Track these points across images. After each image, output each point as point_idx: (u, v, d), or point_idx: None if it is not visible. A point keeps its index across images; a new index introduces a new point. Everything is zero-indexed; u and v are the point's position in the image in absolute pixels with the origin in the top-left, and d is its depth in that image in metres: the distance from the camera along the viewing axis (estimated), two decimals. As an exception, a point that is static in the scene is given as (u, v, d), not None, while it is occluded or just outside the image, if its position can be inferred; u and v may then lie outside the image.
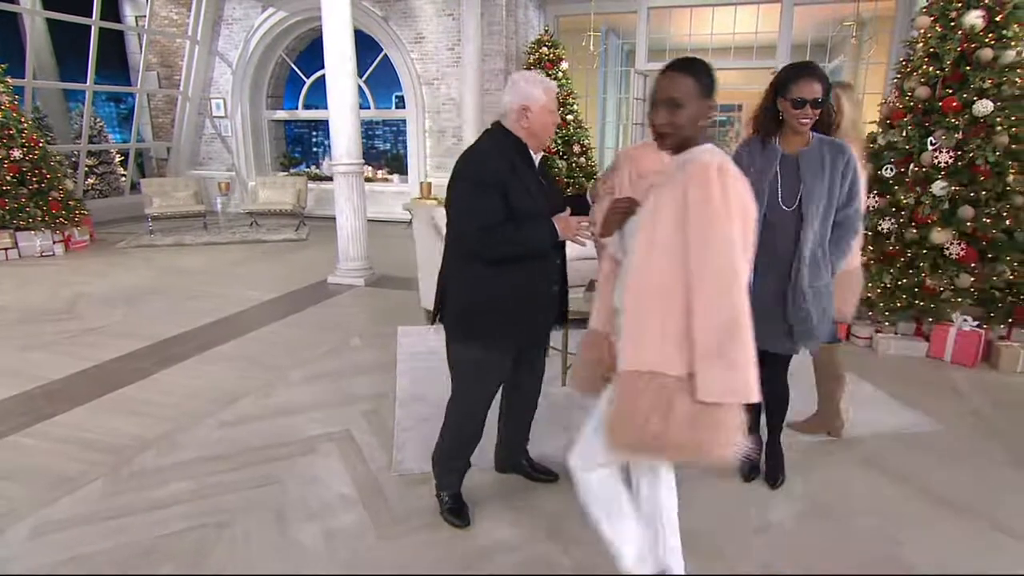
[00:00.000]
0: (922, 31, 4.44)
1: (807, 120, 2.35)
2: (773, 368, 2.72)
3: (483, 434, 2.58)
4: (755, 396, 1.57)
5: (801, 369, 3.06)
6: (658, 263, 1.63)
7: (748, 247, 1.64)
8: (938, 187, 4.19)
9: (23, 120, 7.62)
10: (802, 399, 3.07)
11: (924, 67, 4.34)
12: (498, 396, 2.63)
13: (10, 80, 7.71)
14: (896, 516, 2.60)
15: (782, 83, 2.37)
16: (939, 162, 4.21)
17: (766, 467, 2.87)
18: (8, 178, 7.25)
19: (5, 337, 4.71)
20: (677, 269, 1.60)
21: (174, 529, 2.46)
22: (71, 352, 4.38)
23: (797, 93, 2.32)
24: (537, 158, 2.39)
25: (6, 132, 7.26)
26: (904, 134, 4.43)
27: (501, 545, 2.40)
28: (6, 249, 7.35)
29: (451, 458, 2.60)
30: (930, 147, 4.26)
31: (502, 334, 2.37)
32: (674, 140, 1.74)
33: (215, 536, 2.42)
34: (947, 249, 4.22)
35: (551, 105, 2.31)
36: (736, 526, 2.56)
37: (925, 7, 4.47)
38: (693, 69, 1.70)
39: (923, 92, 4.31)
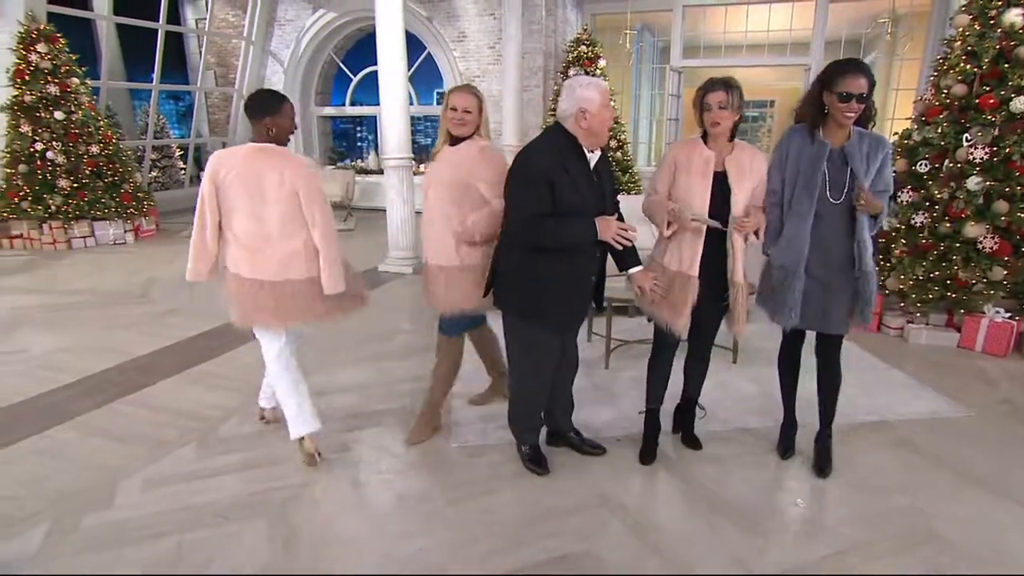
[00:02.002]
0: (960, 29, 4.41)
1: (852, 114, 2.38)
2: (828, 349, 2.75)
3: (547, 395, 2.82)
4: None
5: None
6: None
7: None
8: (973, 182, 4.18)
9: (100, 118, 7.98)
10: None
11: (961, 65, 4.31)
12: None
13: (89, 82, 8.06)
14: (928, 494, 2.66)
15: (829, 78, 2.41)
16: (974, 158, 4.19)
17: (815, 456, 2.86)
18: (87, 172, 7.63)
19: (94, 318, 5.01)
20: None
21: (262, 488, 2.66)
22: (152, 332, 4.65)
23: (844, 88, 2.35)
24: (594, 157, 2.49)
25: (86, 130, 7.61)
26: (939, 130, 4.42)
27: (556, 510, 2.54)
28: (84, 237, 7.75)
29: (521, 420, 2.84)
30: (965, 143, 4.24)
31: (543, 314, 2.55)
32: None
33: (298, 495, 2.62)
34: (981, 243, 4.20)
35: (605, 101, 2.44)
36: (774, 501, 2.65)
37: (964, 5, 4.43)
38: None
39: (960, 89, 4.29)
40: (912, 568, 2.22)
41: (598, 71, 9.16)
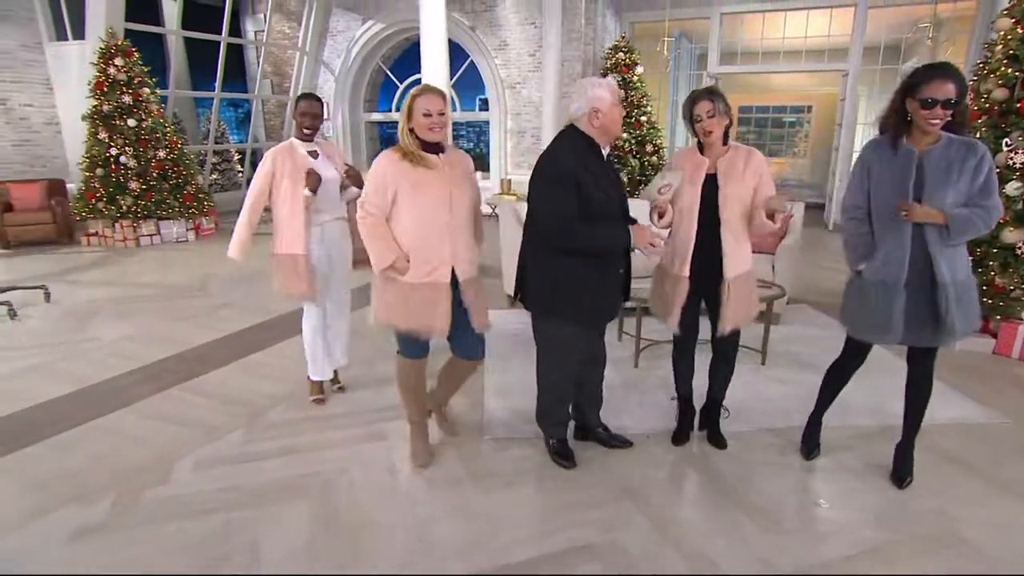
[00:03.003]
0: (1002, 33, 4.21)
1: (936, 121, 2.21)
2: (920, 359, 2.59)
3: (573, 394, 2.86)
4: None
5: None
6: None
7: None
8: (1012, 187, 4.00)
9: (167, 125, 8.32)
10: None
11: (1003, 69, 4.11)
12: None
13: (158, 91, 8.41)
14: (955, 498, 2.58)
15: (913, 84, 2.25)
16: (1014, 163, 4.01)
17: (895, 465, 2.73)
18: (155, 175, 7.97)
19: (159, 310, 5.25)
20: None
21: (304, 472, 2.75)
22: (209, 324, 4.83)
23: (928, 93, 2.19)
24: (605, 152, 2.54)
25: (154, 136, 7.94)
26: (978, 135, 4.24)
27: (581, 503, 2.54)
28: (151, 235, 8.10)
29: (549, 415, 2.85)
30: (1005, 148, 4.06)
31: (575, 311, 2.55)
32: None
33: (336, 479, 2.69)
34: (1019, 248, 4.02)
35: (616, 99, 2.48)
36: (797, 501, 2.59)
37: (1007, 9, 4.24)
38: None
39: (1000, 94, 4.10)
40: (934, 571, 2.16)
41: (635, 77, 9.11)
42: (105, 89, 7.65)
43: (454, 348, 2.76)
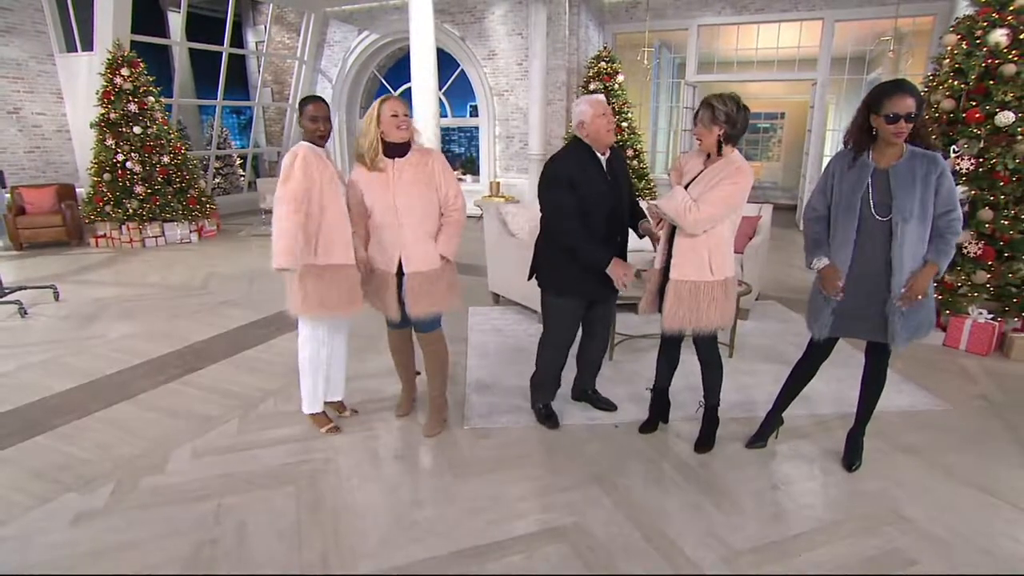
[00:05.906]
0: (949, 48, 4.29)
1: (901, 133, 2.26)
2: (873, 355, 2.66)
3: (566, 362, 3.08)
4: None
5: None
6: None
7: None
8: (959, 191, 4.07)
9: (171, 132, 8.28)
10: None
11: (950, 81, 4.19)
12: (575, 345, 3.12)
13: (163, 100, 8.36)
14: (899, 480, 2.64)
15: (875, 100, 2.29)
16: (961, 168, 4.09)
17: (846, 450, 2.80)
18: (159, 179, 7.94)
19: (160, 307, 5.25)
20: None
21: (292, 460, 2.79)
22: (209, 321, 4.85)
23: (891, 109, 2.23)
24: (604, 157, 2.75)
25: (159, 142, 7.91)
26: (929, 143, 4.32)
27: (552, 487, 2.59)
28: (156, 237, 8.07)
29: (543, 379, 3.10)
30: (953, 155, 4.14)
31: (571, 287, 2.83)
32: None
33: (323, 467, 2.73)
34: (966, 248, 4.10)
35: (599, 111, 2.68)
36: (756, 485, 2.63)
37: (952, 26, 4.31)
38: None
39: (948, 104, 4.17)
40: (876, 547, 2.22)
41: (616, 85, 9.13)
42: (112, 98, 7.61)
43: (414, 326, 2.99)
